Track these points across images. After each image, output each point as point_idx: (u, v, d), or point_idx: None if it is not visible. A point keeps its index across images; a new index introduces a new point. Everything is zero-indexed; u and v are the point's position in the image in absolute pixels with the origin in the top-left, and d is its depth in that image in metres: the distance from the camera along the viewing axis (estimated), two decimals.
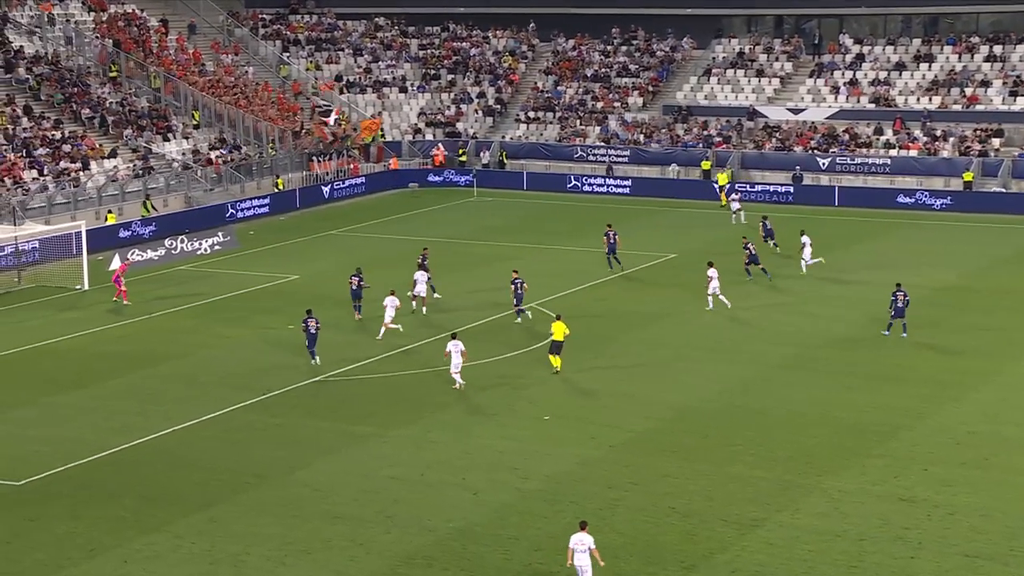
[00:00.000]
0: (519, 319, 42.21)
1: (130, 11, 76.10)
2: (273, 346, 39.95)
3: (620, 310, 43.98)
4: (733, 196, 61.77)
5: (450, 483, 28.50)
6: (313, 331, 37.49)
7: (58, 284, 48.57)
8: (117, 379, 36.72)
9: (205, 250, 54.44)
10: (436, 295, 44.42)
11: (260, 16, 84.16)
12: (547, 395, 34.84)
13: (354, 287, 42.49)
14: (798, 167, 68.16)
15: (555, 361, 36.71)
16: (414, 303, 43.16)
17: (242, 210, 62.80)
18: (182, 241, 54.01)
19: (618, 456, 30.11)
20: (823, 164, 68.73)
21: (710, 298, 43.32)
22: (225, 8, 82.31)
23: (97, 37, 71.78)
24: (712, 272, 43.41)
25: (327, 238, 57.67)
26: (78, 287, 47.97)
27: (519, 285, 42.12)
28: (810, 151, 69.83)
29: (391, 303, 40.29)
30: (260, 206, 64.04)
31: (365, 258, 49.08)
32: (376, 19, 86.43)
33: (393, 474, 29.02)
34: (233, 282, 48.55)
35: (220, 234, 55.81)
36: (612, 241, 49.66)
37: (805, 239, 49.16)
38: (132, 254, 51.36)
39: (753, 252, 47.52)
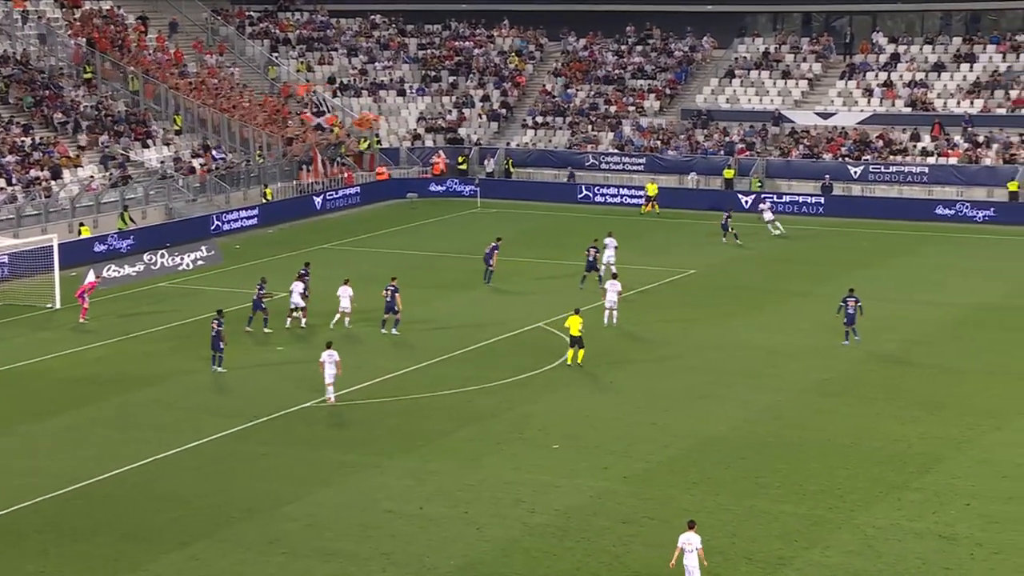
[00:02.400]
0: (385, 330, 43.20)
1: (107, 8, 76.44)
2: (260, 369, 39.97)
3: (636, 331, 43.94)
4: (763, 207, 62.00)
5: (452, 517, 28.48)
6: (214, 334, 39.23)
7: (28, 302, 48.63)
8: (91, 405, 36.74)
9: (187, 265, 54.55)
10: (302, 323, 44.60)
11: (247, 13, 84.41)
12: (557, 422, 34.81)
13: (255, 297, 43.94)
14: (827, 176, 68.18)
15: (571, 355, 38.72)
16: (297, 317, 44.48)
17: (227, 222, 62.92)
18: (162, 256, 54.12)
19: (634, 488, 30.07)
20: (855, 173, 68.75)
21: (606, 313, 43.93)
22: (209, 5, 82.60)
23: (70, 36, 72.06)
24: (612, 284, 44.29)
25: (319, 252, 57.72)
26: (49, 306, 48.03)
27: (390, 293, 43.15)
28: (840, 159, 69.88)
29: (345, 293, 43.55)
30: (247, 218, 64.17)
31: (359, 273, 49.03)
32: (372, 17, 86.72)
33: (390, 507, 28.99)
34: (217, 300, 48.54)
35: (203, 248, 55.90)
36: (489, 252, 50.55)
37: (609, 240, 50.60)
38: (108, 270, 51.45)
39: (591, 259, 48.99)
